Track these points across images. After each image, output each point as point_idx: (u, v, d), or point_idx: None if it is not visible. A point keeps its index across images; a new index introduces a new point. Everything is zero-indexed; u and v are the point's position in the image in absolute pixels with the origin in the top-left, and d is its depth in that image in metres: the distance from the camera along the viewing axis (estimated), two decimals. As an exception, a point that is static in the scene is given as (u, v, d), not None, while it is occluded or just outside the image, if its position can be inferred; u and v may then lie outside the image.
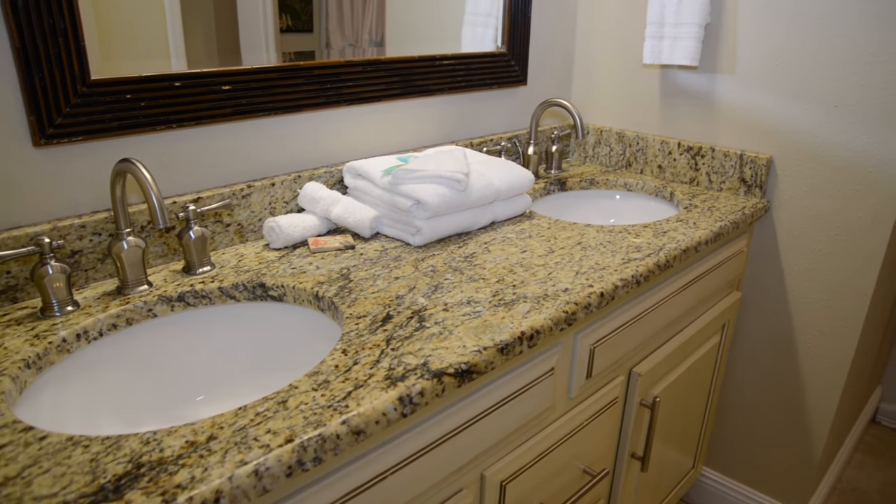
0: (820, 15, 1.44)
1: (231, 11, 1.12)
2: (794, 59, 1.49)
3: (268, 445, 0.63)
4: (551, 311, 0.93)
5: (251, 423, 0.67)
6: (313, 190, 1.22)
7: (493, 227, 1.29)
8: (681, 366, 1.44)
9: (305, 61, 1.22)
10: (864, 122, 1.43)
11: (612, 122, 1.85)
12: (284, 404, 0.70)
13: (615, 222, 1.70)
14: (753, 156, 1.57)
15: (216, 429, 0.66)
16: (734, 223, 1.42)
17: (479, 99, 1.62)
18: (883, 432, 2.35)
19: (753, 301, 1.70)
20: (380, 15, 1.36)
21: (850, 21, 1.40)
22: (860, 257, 1.50)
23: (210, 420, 0.67)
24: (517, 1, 1.60)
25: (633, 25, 1.74)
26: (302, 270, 1.05)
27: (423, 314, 0.91)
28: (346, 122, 1.34)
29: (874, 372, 2.17)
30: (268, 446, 0.63)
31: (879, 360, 2.19)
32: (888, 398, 2.38)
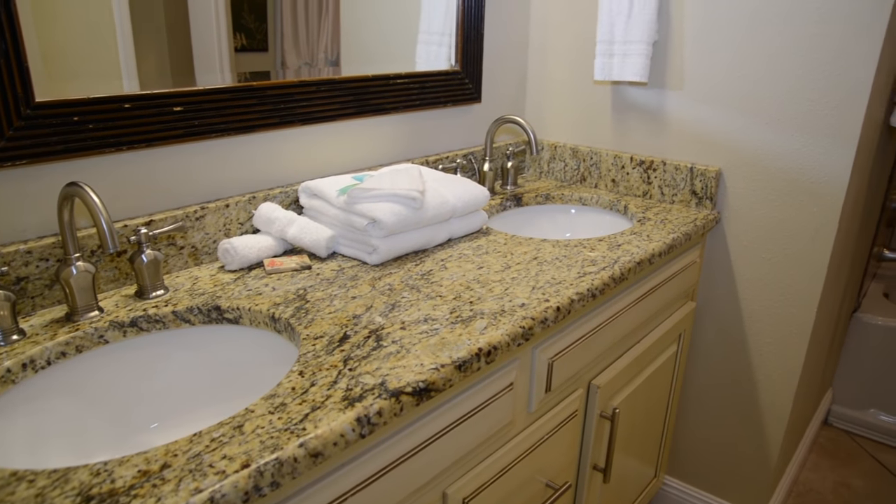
0: (761, 34, 1.49)
1: (184, 31, 1.11)
2: (738, 75, 1.54)
3: (223, 472, 0.62)
4: (508, 327, 0.94)
5: (206, 450, 0.65)
6: (268, 210, 1.21)
7: (450, 244, 1.30)
8: (639, 376, 1.46)
9: (259, 81, 1.22)
10: (805, 135, 1.48)
11: (567, 137, 1.88)
12: (240, 429, 0.69)
13: (571, 236, 1.72)
14: (703, 168, 1.61)
15: (170, 456, 0.64)
16: (686, 235, 1.45)
17: (434, 117, 1.63)
18: (835, 434, 2.41)
19: (708, 310, 1.74)
20: (335, 34, 1.36)
21: (791, 39, 1.46)
22: (807, 265, 1.55)
23: (164, 448, 0.66)
24: (470, 19, 1.63)
25: (584, 43, 1.78)
26: (258, 292, 1.04)
27: (380, 333, 0.91)
28: (301, 142, 1.33)
29: (825, 376, 2.23)
30: (223, 472, 0.62)
31: (829, 365, 2.26)
32: (839, 401, 2.45)
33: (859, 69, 1.39)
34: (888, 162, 2.16)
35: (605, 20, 1.61)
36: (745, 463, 1.78)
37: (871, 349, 2.35)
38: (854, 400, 2.42)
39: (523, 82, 1.91)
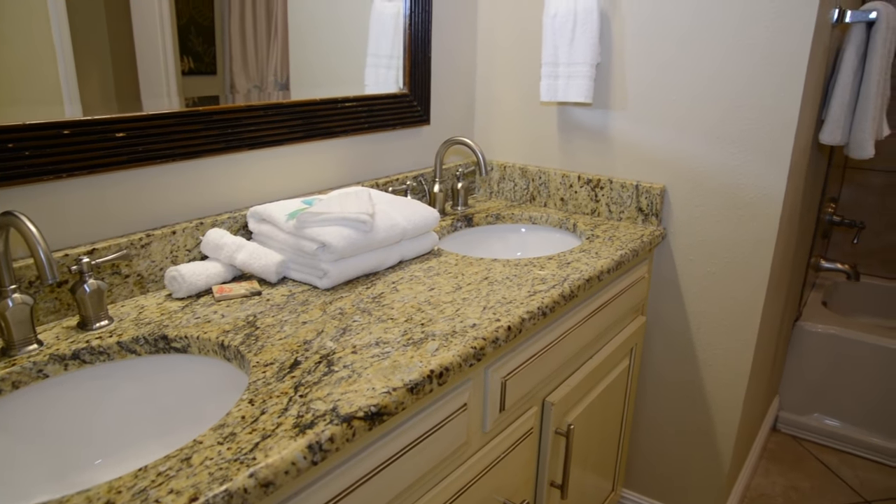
0: (697, 57, 1.55)
1: (129, 54, 1.09)
2: (677, 96, 1.59)
3: (169, 507, 0.61)
4: (460, 348, 0.94)
5: (152, 485, 0.64)
6: (217, 237, 1.20)
7: (401, 267, 1.30)
8: (593, 392, 1.48)
9: (205, 106, 1.20)
10: (743, 153, 1.54)
11: (515, 157, 1.91)
12: (188, 461, 0.68)
13: (522, 255, 1.74)
14: (648, 186, 1.66)
15: (113, 494, 0.63)
16: (634, 251, 1.48)
17: (384, 139, 1.64)
18: (783, 439, 2.48)
19: (658, 324, 1.78)
20: (284, 57, 1.36)
21: (725, 63, 1.52)
22: (749, 277, 1.60)
23: (107, 485, 0.64)
24: (417, 43, 1.65)
25: (530, 65, 1.82)
26: (207, 320, 1.03)
27: (331, 358, 0.90)
28: (250, 167, 1.32)
29: (771, 383, 2.30)
30: (169, 508, 0.60)
31: (775, 372, 2.33)
32: (785, 407, 2.53)
33: (789, 92, 1.46)
34: (820, 176, 2.26)
35: (550, 43, 1.65)
36: (699, 471, 1.82)
37: (813, 356, 2.43)
38: (799, 405, 2.50)
39: (472, 104, 1.94)
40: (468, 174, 1.91)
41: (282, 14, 1.34)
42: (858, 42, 1.65)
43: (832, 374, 2.42)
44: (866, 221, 3.06)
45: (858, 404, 2.39)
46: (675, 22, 1.56)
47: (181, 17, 1.17)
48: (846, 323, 2.43)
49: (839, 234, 3.14)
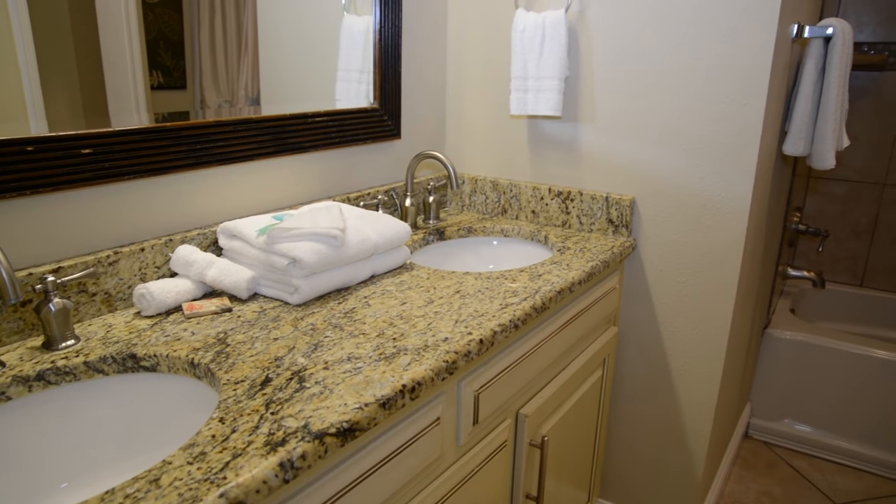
0: (662, 70, 1.58)
1: (96, 69, 1.08)
2: (645, 109, 1.62)
3: (136, 530, 0.60)
4: (432, 362, 0.94)
5: (118, 508, 0.63)
6: (186, 253, 1.19)
7: (373, 281, 1.30)
8: (567, 403, 1.49)
9: (173, 122, 1.20)
10: (709, 164, 1.57)
11: (487, 171, 1.92)
12: (157, 482, 0.67)
13: (494, 268, 1.75)
14: (618, 197, 1.68)
15: (78, 518, 0.61)
16: (605, 262, 1.50)
17: (355, 154, 1.64)
18: (755, 446, 2.51)
19: (630, 334, 1.80)
20: (254, 71, 1.36)
21: (690, 77, 1.55)
22: (718, 287, 1.63)
23: (72, 509, 0.63)
24: (387, 58, 1.65)
25: (500, 79, 1.83)
26: (176, 337, 1.01)
27: (303, 374, 0.90)
28: (219, 183, 1.32)
29: (742, 390, 2.33)
30: (136, 531, 0.59)
31: (746, 380, 2.36)
32: (756, 413, 2.56)
33: (752, 104, 1.49)
34: (785, 186, 2.30)
35: (519, 57, 1.67)
36: (673, 480, 1.83)
37: (783, 363, 2.47)
38: (770, 412, 2.54)
39: (442, 118, 1.95)
40: (440, 188, 1.92)
41: (252, 28, 1.34)
42: (817, 56, 1.69)
43: (801, 380, 2.46)
44: (830, 230, 3.13)
45: (827, 409, 2.43)
46: (641, 37, 1.59)
47: (150, 31, 1.16)
48: (813, 329, 2.48)
49: (805, 242, 3.21)
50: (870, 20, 2.86)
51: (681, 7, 1.53)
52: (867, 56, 2.76)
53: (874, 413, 2.35)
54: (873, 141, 2.95)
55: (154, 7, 1.16)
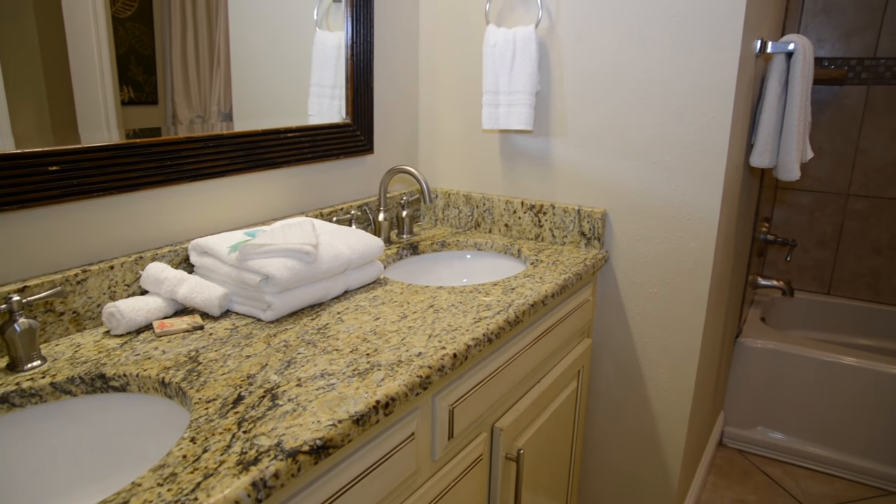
0: (630, 85, 1.60)
1: (65, 85, 1.07)
2: (614, 123, 1.65)
3: (104, 555, 0.58)
4: (406, 377, 0.94)
5: (86, 532, 0.62)
6: (157, 270, 1.17)
7: (347, 297, 1.29)
8: (542, 415, 1.49)
9: (143, 139, 1.19)
10: (678, 176, 1.60)
11: (459, 185, 1.93)
12: (125, 506, 0.66)
13: (468, 282, 1.76)
14: (590, 210, 1.70)
15: (44, 544, 0.60)
16: (577, 275, 1.51)
17: (327, 169, 1.64)
18: (729, 454, 2.54)
19: (604, 346, 1.81)
20: (227, 87, 1.35)
21: (657, 90, 1.58)
22: (690, 297, 1.65)
23: (37, 535, 0.61)
24: (359, 73, 1.66)
25: (472, 94, 1.85)
26: (147, 356, 1.00)
27: (275, 392, 0.89)
28: (191, 199, 1.31)
29: (716, 399, 2.36)
30: (104, 556, 0.58)
31: (719, 388, 2.39)
32: (730, 422, 2.59)
33: (719, 118, 1.52)
34: (753, 197, 2.35)
35: (490, 72, 1.68)
36: (649, 490, 1.85)
37: (755, 371, 2.51)
38: (743, 420, 2.57)
39: (415, 132, 1.96)
40: (413, 202, 1.92)
41: (224, 44, 1.34)
42: (780, 71, 1.74)
43: (773, 388, 2.50)
44: (798, 239, 3.19)
45: (798, 416, 2.47)
46: (609, 52, 1.62)
47: (120, 46, 1.15)
48: (784, 338, 2.52)
49: (774, 251, 3.27)
50: (829, 36, 2.95)
51: (647, 23, 1.56)
52: (828, 71, 2.83)
53: (843, 419, 2.39)
54: (836, 152, 3.02)
55: (124, 22, 1.16)
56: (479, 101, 1.84)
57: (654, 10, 1.55)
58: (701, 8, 1.50)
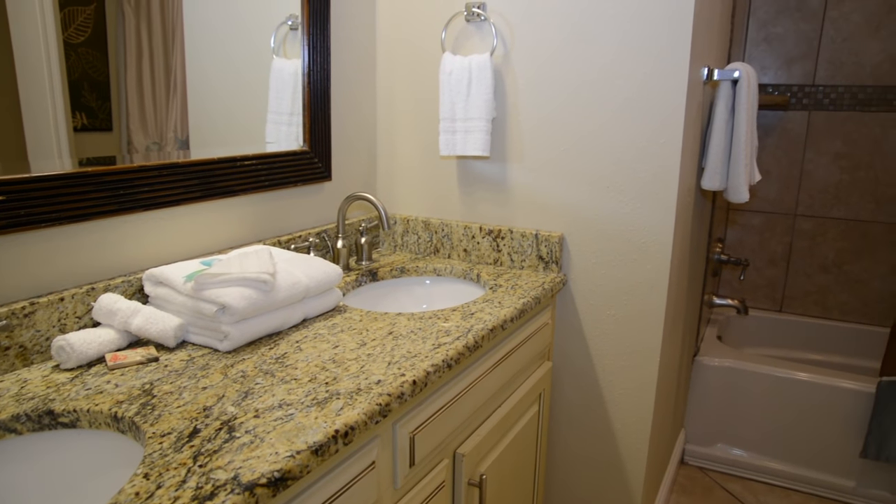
0: (584, 111, 1.64)
1: (14, 112, 1.05)
2: (569, 148, 1.68)
3: None
4: (365, 406, 0.94)
5: (32, 577, 0.59)
6: (110, 302, 1.15)
7: (305, 325, 1.28)
8: (504, 440, 1.50)
9: (95, 167, 1.17)
10: (632, 200, 1.63)
11: (418, 211, 1.94)
12: (74, 547, 0.63)
13: (428, 308, 1.76)
14: (547, 234, 1.72)
15: (-13, 590, 0.58)
16: (536, 298, 1.53)
17: (285, 196, 1.64)
18: (691, 471, 2.57)
19: (564, 369, 1.83)
20: (183, 113, 1.34)
21: (610, 115, 1.62)
22: (647, 318, 1.68)
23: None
24: (316, 100, 1.66)
25: (429, 120, 1.87)
26: (99, 390, 0.98)
27: (232, 424, 0.88)
28: (145, 228, 1.29)
29: (676, 418, 2.39)
30: None
31: (679, 407, 2.42)
32: (691, 440, 2.63)
33: (669, 144, 1.57)
34: (706, 219, 2.41)
35: (447, 99, 1.71)
36: (610, 512, 1.86)
37: (713, 389, 2.56)
38: (704, 437, 2.61)
39: (373, 159, 1.97)
40: (372, 228, 1.92)
41: (181, 70, 1.33)
42: (726, 97, 1.80)
43: (731, 405, 2.54)
44: (750, 259, 3.28)
45: (756, 432, 2.52)
46: (562, 79, 1.66)
47: (73, 71, 1.14)
48: (740, 355, 2.58)
49: (728, 271, 3.35)
50: (772, 64, 3.07)
51: (599, 52, 1.61)
52: (772, 97, 2.94)
53: (798, 433, 2.45)
54: (783, 175, 3.13)
55: (77, 47, 1.14)
56: (437, 127, 1.86)
57: (605, 40, 1.60)
58: (650, 38, 1.55)
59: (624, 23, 1.57)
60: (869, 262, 3.05)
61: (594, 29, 1.61)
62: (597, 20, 1.60)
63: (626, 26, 1.57)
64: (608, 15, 1.59)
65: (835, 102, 2.98)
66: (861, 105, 2.94)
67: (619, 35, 1.58)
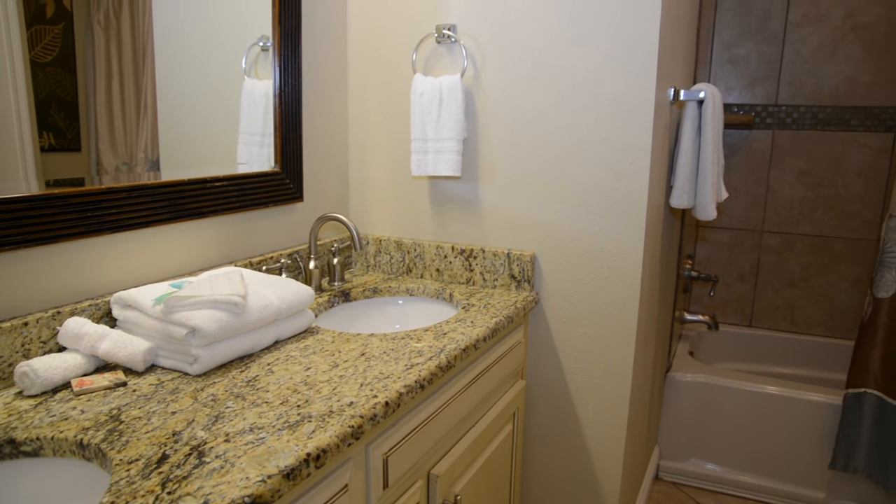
0: (555, 131, 1.67)
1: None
2: (540, 168, 1.70)
3: None
4: (337, 428, 0.93)
5: None
6: (76, 326, 1.13)
7: (277, 347, 1.27)
8: (479, 460, 1.49)
9: (62, 189, 1.15)
10: (602, 219, 1.66)
11: (391, 230, 1.95)
12: (37, 580, 0.62)
13: (401, 328, 1.76)
14: (519, 253, 1.73)
15: None
16: (509, 318, 1.53)
17: (256, 218, 1.63)
18: (666, 487, 2.58)
19: (538, 387, 1.83)
20: (154, 133, 1.33)
21: (579, 135, 1.64)
22: (619, 335, 1.70)
23: None
24: (288, 121, 1.66)
25: (401, 141, 1.88)
26: (64, 417, 0.96)
27: (202, 449, 0.87)
28: (114, 251, 1.27)
29: (650, 434, 2.41)
30: None
31: (652, 423, 2.44)
32: (665, 455, 2.64)
33: (638, 163, 1.60)
34: (675, 236, 2.45)
35: (418, 120, 1.72)
36: (586, 530, 1.86)
37: (686, 404, 2.58)
38: (677, 453, 2.62)
39: (345, 179, 1.97)
40: (344, 249, 1.92)
41: (151, 90, 1.32)
42: (693, 117, 1.84)
43: (704, 420, 2.57)
44: (720, 275, 3.33)
45: (729, 446, 2.54)
46: (533, 100, 1.68)
47: (40, 91, 1.13)
48: (711, 370, 2.61)
49: (698, 287, 3.40)
50: (736, 84, 3.15)
51: (569, 73, 1.63)
52: (737, 116, 3.01)
53: (769, 446, 2.48)
54: (749, 192, 3.20)
55: (45, 67, 1.13)
56: (409, 148, 1.87)
57: (573, 61, 1.63)
58: (618, 60, 1.58)
59: (593, 45, 1.60)
60: (833, 276, 3.12)
61: (563, 51, 1.63)
62: (565, 42, 1.63)
63: (594, 48, 1.60)
64: (577, 37, 1.62)
65: (797, 122, 3.06)
66: (821, 124, 3.02)
67: (588, 57, 1.61)
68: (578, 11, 1.61)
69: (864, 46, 2.91)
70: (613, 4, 1.57)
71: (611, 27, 1.58)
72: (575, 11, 1.61)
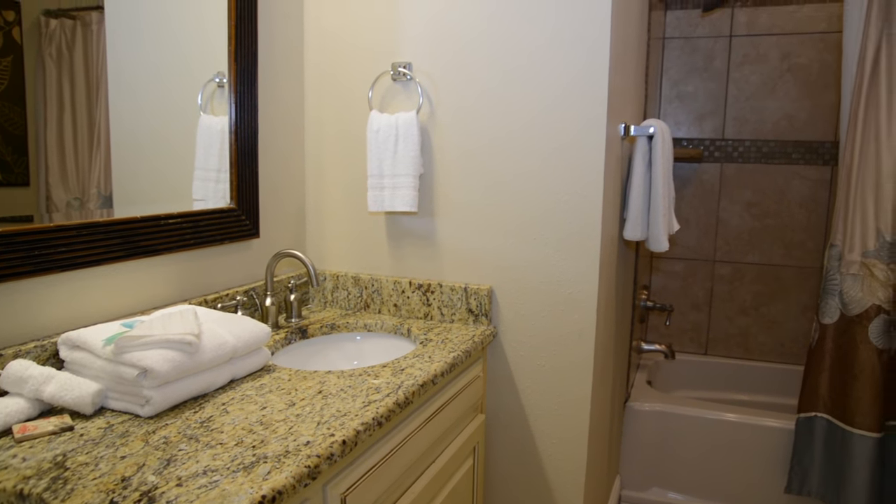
0: (508, 167, 1.70)
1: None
2: (495, 203, 1.73)
3: None
4: (293, 468, 0.91)
5: None
6: (20, 369, 1.09)
7: (233, 386, 1.25)
8: (439, 495, 1.48)
9: (6, 226, 1.12)
10: (557, 252, 1.68)
11: (348, 266, 1.94)
12: None
13: (358, 364, 1.74)
14: (476, 288, 1.75)
15: None
16: (466, 352, 1.54)
17: (212, 255, 1.61)
18: (626, 520, 2.59)
19: (498, 421, 1.83)
20: (107, 168, 1.31)
21: (534, 170, 1.68)
22: (576, 367, 1.71)
23: None
24: (243, 157, 1.66)
25: (358, 176, 1.89)
26: (3, 466, 0.92)
27: (153, 494, 0.84)
28: (62, 290, 1.24)
29: (611, 464, 2.41)
30: None
31: (613, 453, 2.45)
32: (627, 485, 2.65)
33: (590, 197, 1.63)
34: (630, 267, 2.50)
35: (374, 157, 1.73)
36: (548, 565, 1.84)
37: (645, 433, 2.60)
38: (639, 482, 2.64)
39: (302, 215, 1.96)
40: (301, 285, 1.91)
41: (105, 124, 1.31)
42: (643, 151, 1.89)
43: (664, 448, 2.59)
44: (675, 304, 3.40)
45: (689, 473, 2.57)
46: (487, 137, 1.71)
47: (-14, 124, 1.11)
48: (669, 399, 2.64)
49: (654, 317, 3.46)
50: (685, 120, 3.26)
51: (521, 109, 1.67)
52: (687, 150, 3.11)
53: (727, 472, 2.51)
54: (700, 223, 3.29)
55: (-8, 100, 1.12)
56: (365, 183, 1.87)
57: (527, 98, 1.67)
58: (569, 95, 1.63)
59: (546, 82, 1.65)
60: (783, 304, 3.21)
61: (516, 88, 1.67)
62: (519, 79, 1.67)
63: (547, 85, 1.65)
64: (530, 74, 1.66)
65: (743, 155, 3.18)
66: (765, 158, 3.14)
67: (541, 93, 1.65)
68: (530, 49, 1.65)
69: (800, 86, 3.06)
70: (565, 44, 1.62)
71: (563, 65, 1.63)
72: (527, 49, 1.66)
